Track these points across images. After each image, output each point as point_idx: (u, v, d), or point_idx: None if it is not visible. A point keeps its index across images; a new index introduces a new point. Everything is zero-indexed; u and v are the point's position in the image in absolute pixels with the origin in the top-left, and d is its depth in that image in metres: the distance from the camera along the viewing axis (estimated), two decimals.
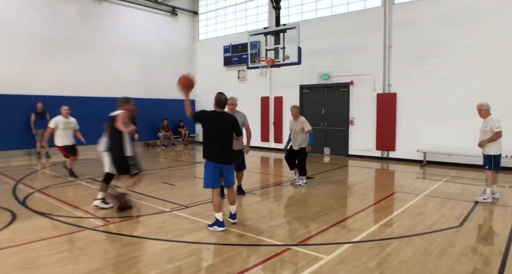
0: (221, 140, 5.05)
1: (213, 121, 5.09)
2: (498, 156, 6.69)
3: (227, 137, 5.12)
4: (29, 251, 4.27)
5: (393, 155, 12.13)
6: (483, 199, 6.66)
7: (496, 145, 6.67)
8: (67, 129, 8.86)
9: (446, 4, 10.85)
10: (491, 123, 6.65)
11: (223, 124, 5.09)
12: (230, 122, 5.17)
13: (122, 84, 15.36)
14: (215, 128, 5.06)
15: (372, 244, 4.60)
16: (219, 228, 5.02)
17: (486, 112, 6.84)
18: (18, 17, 12.51)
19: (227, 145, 5.10)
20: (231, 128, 5.15)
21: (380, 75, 12.13)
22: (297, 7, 14.35)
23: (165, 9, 17.02)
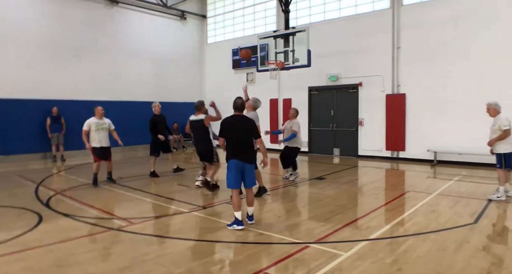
0: (241, 141, 5.33)
1: (232, 124, 5.39)
2: (509, 154, 6.76)
3: (247, 137, 5.40)
4: (60, 250, 4.47)
5: (403, 155, 12.23)
6: (497, 197, 6.76)
7: (506, 143, 6.75)
8: (100, 131, 8.40)
9: (454, 5, 10.96)
10: (499, 122, 6.75)
11: (241, 127, 5.38)
12: (247, 125, 5.45)
13: (133, 88, 15.65)
14: (235, 130, 5.35)
15: (389, 241, 4.75)
16: (238, 227, 5.19)
17: (495, 111, 6.94)
18: (32, 23, 12.82)
19: (247, 145, 5.37)
20: (249, 130, 5.42)
21: (389, 76, 12.26)
22: (305, 10, 14.53)
23: (174, 13, 17.28)
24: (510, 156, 6.78)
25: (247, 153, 5.36)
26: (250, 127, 5.45)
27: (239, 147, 5.32)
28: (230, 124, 5.41)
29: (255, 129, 5.54)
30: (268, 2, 15.90)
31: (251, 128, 5.46)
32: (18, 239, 4.87)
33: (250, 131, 5.45)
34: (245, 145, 5.36)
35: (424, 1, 11.61)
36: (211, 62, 18.39)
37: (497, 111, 6.92)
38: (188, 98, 17.86)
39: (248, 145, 5.39)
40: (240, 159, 5.28)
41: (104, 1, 14.72)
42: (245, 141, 5.37)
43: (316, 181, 8.97)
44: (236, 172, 5.26)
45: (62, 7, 13.56)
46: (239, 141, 5.33)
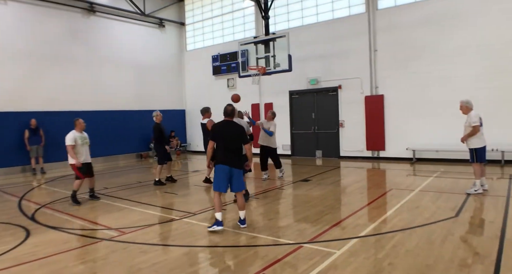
0: (231, 146, 5.48)
1: (222, 129, 5.56)
2: (479, 149, 7.12)
3: (237, 143, 5.56)
4: (53, 264, 4.42)
5: (384, 154, 12.58)
6: (474, 190, 7.08)
7: (477, 138, 7.10)
8: (84, 145, 7.87)
9: (427, 8, 11.42)
10: (469, 119, 7.12)
11: (232, 132, 5.55)
12: (236, 130, 5.60)
13: (113, 97, 15.51)
14: (225, 135, 5.50)
15: (378, 237, 4.92)
16: (218, 227, 5.34)
17: (467, 108, 7.28)
18: (8, 34, 12.56)
19: (237, 150, 5.52)
20: (239, 136, 5.57)
21: (367, 78, 12.62)
22: (284, 15, 14.80)
23: (152, 21, 17.25)
24: (481, 150, 7.14)
25: (236, 158, 5.49)
26: (240, 133, 5.60)
27: (229, 152, 5.45)
28: (221, 130, 5.55)
29: (245, 134, 5.70)
30: (246, 9, 16.09)
31: (241, 134, 5.61)
32: (8, 254, 4.79)
33: (241, 136, 5.59)
34: (235, 150, 5.49)
35: (398, 5, 12.05)
36: (191, 69, 18.40)
37: (469, 108, 7.26)
38: (169, 105, 17.83)
39: (237, 150, 5.53)
40: (229, 164, 5.40)
41: (81, 10, 14.57)
42: (235, 146, 5.51)
43: (301, 183, 9.13)
44: (224, 176, 5.40)
45: (38, 17, 13.34)
46: (230, 146, 5.46)
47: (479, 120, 7.04)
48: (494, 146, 10.35)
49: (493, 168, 9.97)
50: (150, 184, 9.78)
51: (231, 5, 16.65)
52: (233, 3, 16.56)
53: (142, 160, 16.16)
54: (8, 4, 12.61)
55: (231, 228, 5.60)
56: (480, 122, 7.06)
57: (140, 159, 16.33)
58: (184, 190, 9.07)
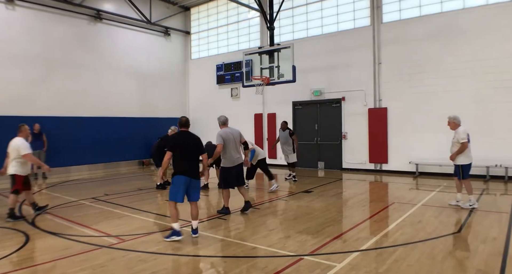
0: (190, 156, 5.60)
1: (180, 140, 5.66)
2: (466, 165, 7.15)
3: (195, 153, 5.69)
4: (53, 269, 4.40)
5: (386, 167, 12.52)
6: (469, 205, 7.09)
7: (463, 155, 7.12)
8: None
9: (432, 22, 11.49)
10: (457, 136, 7.13)
11: (190, 142, 5.68)
12: (193, 141, 5.75)
13: (116, 104, 15.57)
14: (183, 146, 5.60)
15: (379, 251, 4.87)
16: (177, 238, 5.41)
17: (454, 124, 7.29)
18: (15, 39, 12.68)
19: (195, 161, 5.67)
20: (195, 146, 5.70)
21: (370, 91, 12.64)
22: (289, 27, 14.91)
23: (158, 30, 17.41)
24: (467, 167, 7.16)
25: (195, 169, 5.62)
26: (198, 143, 5.77)
27: (188, 162, 5.55)
28: (180, 140, 5.63)
29: (202, 145, 5.88)
30: (251, 19, 16.24)
31: (199, 144, 5.78)
32: (6, 259, 4.77)
33: (198, 147, 5.74)
34: (193, 161, 5.61)
35: (403, 19, 12.12)
36: (195, 78, 18.50)
37: (456, 124, 7.27)
38: (171, 113, 17.88)
39: (196, 160, 5.67)
40: (188, 175, 5.50)
41: (88, 17, 14.73)
42: (193, 156, 5.63)
43: (303, 194, 9.09)
44: (182, 187, 5.48)
45: (46, 23, 13.49)
46: (188, 157, 5.56)
47: (467, 137, 7.04)
48: (498, 162, 10.32)
49: (496, 184, 9.91)
50: (150, 191, 9.77)
51: (236, 16, 16.81)
52: (238, 14, 16.72)
53: (143, 167, 16.15)
54: (17, 10, 12.77)
55: (231, 238, 5.56)
56: (467, 138, 7.06)
57: (141, 166, 16.32)
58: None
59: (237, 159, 6.98)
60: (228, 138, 6.85)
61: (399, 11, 12.25)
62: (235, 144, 6.96)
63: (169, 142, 5.69)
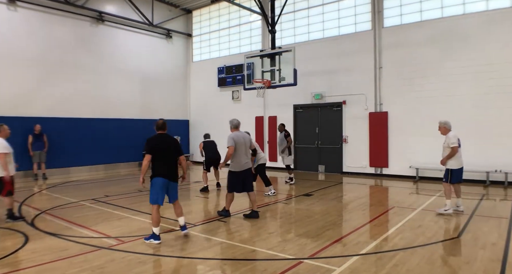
0: (168, 159, 5.62)
1: (158, 143, 5.65)
2: (455, 170, 7.17)
3: (172, 155, 5.67)
4: (51, 271, 4.40)
5: (386, 172, 12.52)
6: (444, 210, 7.09)
7: (454, 159, 7.14)
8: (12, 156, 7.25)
9: (433, 27, 11.53)
10: (448, 140, 7.17)
11: (168, 145, 5.67)
12: (171, 143, 5.74)
13: (118, 105, 15.60)
14: (161, 149, 5.60)
15: (379, 255, 4.86)
16: (156, 241, 5.42)
17: (445, 129, 7.32)
18: (16, 40, 12.72)
19: (173, 163, 5.68)
20: (173, 148, 5.69)
21: (371, 95, 12.66)
22: (290, 30, 14.96)
23: (160, 32, 17.46)
24: (457, 171, 7.18)
25: (173, 171, 5.66)
26: (176, 145, 5.76)
27: (167, 165, 5.57)
28: (158, 143, 5.63)
29: (180, 147, 5.88)
30: (253, 22, 16.28)
31: (177, 146, 5.77)
32: (6, 259, 4.77)
33: (176, 149, 5.73)
34: (171, 163, 5.64)
35: (404, 24, 12.16)
36: (196, 80, 18.54)
37: (447, 129, 7.30)
38: (173, 115, 17.92)
39: (174, 163, 5.69)
40: (167, 178, 5.55)
41: (90, 18, 14.78)
42: (171, 159, 5.64)
43: (303, 198, 9.09)
44: (162, 189, 5.53)
45: (48, 24, 13.53)
46: (167, 159, 5.58)
47: (457, 142, 7.07)
48: (498, 167, 10.32)
49: (496, 189, 9.91)
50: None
51: (238, 19, 16.86)
52: (240, 17, 16.77)
53: None
54: (19, 11, 12.82)
55: (230, 240, 5.56)
56: (458, 143, 7.09)
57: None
58: (185, 200, 9.02)
59: (246, 164, 6.87)
60: (239, 142, 6.76)
61: (400, 16, 12.29)
62: (245, 148, 6.87)
63: (146, 145, 5.58)
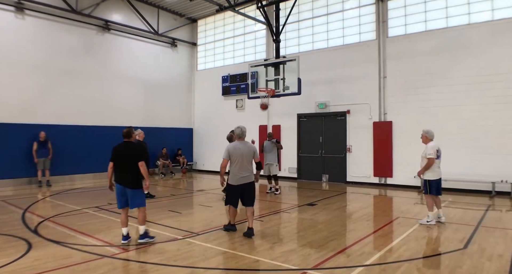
0: (124, 166, 5.86)
1: (117, 151, 5.95)
2: (433, 181, 7.12)
3: (130, 162, 5.86)
4: None
5: (391, 181, 12.43)
6: (427, 221, 7.06)
7: (430, 171, 7.10)
8: None
9: (437, 37, 11.55)
10: (426, 150, 7.14)
11: (128, 152, 5.90)
12: (131, 151, 5.94)
13: (122, 113, 15.67)
14: (119, 156, 5.90)
15: (384, 266, 4.80)
16: (123, 241, 5.83)
17: (425, 138, 7.31)
18: (23, 47, 12.86)
19: (129, 170, 5.85)
20: (130, 156, 5.87)
21: (376, 104, 12.65)
22: (295, 40, 15.04)
23: (165, 41, 17.62)
24: (435, 182, 7.14)
25: (128, 178, 5.83)
26: (135, 153, 5.90)
27: (122, 172, 5.85)
28: (118, 151, 5.93)
29: (139, 153, 5.96)
30: (258, 32, 16.39)
31: (136, 154, 5.90)
32: (8, 267, 4.75)
33: (135, 156, 5.87)
34: (128, 171, 5.83)
35: (408, 34, 12.20)
36: (200, 89, 18.63)
37: (428, 139, 7.28)
38: (177, 123, 17.99)
39: (131, 169, 5.84)
40: (122, 184, 5.83)
41: (96, 27, 14.95)
42: (129, 166, 5.83)
43: (307, 207, 9.03)
44: (118, 195, 5.89)
45: (55, 33, 13.69)
46: (123, 167, 5.84)
47: (435, 153, 7.05)
48: (504, 178, 10.22)
49: (502, 200, 9.81)
50: (154, 201, 9.75)
51: (243, 28, 16.99)
52: (245, 26, 16.90)
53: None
54: (26, 19, 12.99)
55: (233, 250, 5.52)
56: (437, 154, 7.07)
57: None
58: (188, 209, 9.03)
59: (242, 178, 6.29)
60: (234, 153, 6.28)
61: (404, 26, 12.33)
62: (243, 160, 6.28)
63: (111, 153, 5.97)
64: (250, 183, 6.42)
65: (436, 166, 7.11)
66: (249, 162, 6.41)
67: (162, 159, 16.47)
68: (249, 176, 6.39)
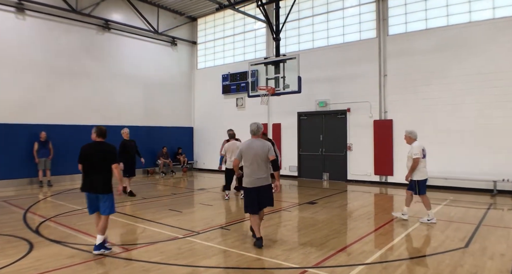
0: (91, 169, 5.34)
1: (85, 152, 5.42)
2: (421, 181, 7.11)
3: (97, 166, 5.34)
4: None
5: (392, 180, 12.43)
6: (427, 220, 7.06)
7: (418, 171, 7.08)
8: None
9: (438, 35, 11.52)
10: (411, 150, 7.11)
11: (94, 154, 5.37)
12: (101, 152, 5.40)
13: (122, 112, 15.68)
14: (88, 158, 5.38)
15: (384, 265, 4.80)
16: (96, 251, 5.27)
17: (409, 139, 7.28)
18: (23, 47, 12.86)
19: (97, 174, 5.33)
20: (101, 158, 5.35)
21: (376, 103, 12.63)
22: (295, 38, 15.01)
23: (165, 40, 17.60)
24: (423, 182, 7.13)
25: (97, 182, 5.31)
26: (106, 154, 5.38)
27: (90, 176, 5.32)
28: (86, 152, 5.40)
29: (112, 155, 5.46)
30: (258, 30, 16.37)
31: (108, 155, 5.39)
32: (10, 267, 4.76)
33: (107, 158, 5.36)
34: (96, 174, 5.32)
35: (409, 32, 12.17)
36: (201, 87, 18.62)
37: (412, 139, 7.25)
38: (177, 122, 17.99)
39: (102, 173, 5.34)
40: (88, 190, 5.32)
41: (96, 26, 14.93)
42: (98, 169, 5.32)
43: (308, 206, 9.04)
44: (87, 200, 5.41)
45: (54, 32, 13.69)
46: (92, 170, 5.32)
47: (421, 153, 7.02)
48: (505, 176, 10.21)
49: (504, 198, 9.80)
50: (154, 200, 9.76)
51: (243, 26, 16.97)
52: (245, 24, 16.87)
53: (148, 176, 16.17)
54: (26, 19, 12.98)
55: (234, 248, 5.52)
56: (423, 154, 7.04)
57: (146, 174, 16.34)
58: (189, 208, 9.03)
59: (258, 180, 5.63)
60: (247, 153, 5.69)
61: (405, 24, 12.31)
62: (257, 160, 5.63)
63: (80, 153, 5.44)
64: (267, 186, 5.73)
65: (423, 165, 7.10)
66: (264, 161, 5.69)
67: (163, 158, 16.48)
68: (266, 178, 5.71)
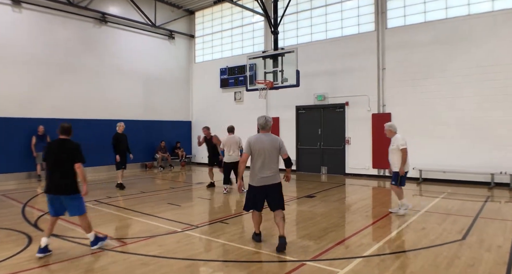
0: (53, 169, 5.01)
1: (48, 150, 5.10)
2: (405, 172, 7.15)
3: (59, 165, 5.00)
4: (54, 272, 4.40)
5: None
6: (404, 209, 7.16)
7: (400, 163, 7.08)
8: None
9: (437, 28, 11.48)
10: (396, 142, 7.11)
11: (55, 152, 5.04)
12: (63, 150, 5.04)
13: (120, 106, 15.62)
14: (50, 156, 5.05)
15: (382, 258, 4.83)
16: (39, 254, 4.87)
17: (390, 132, 7.28)
18: (20, 41, 12.77)
19: (58, 174, 4.99)
20: (63, 157, 5.01)
21: (374, 96, 12.62)
22: (293, 31, 14.94)
23: (162, 33, 17.49)
24: (405, 175, 7.17)
25: (58, 183, 4.96)
26: (70, 153, 5.02)
27: (51, 176, 5.00)
28: (48, 150, 5.07)
29: (75, 153, 5.09)
30: (256, 23, 16.28)
31: (71, 153, 5.02)
32: (8, 261, 4.77)
33: (70, 156, 5.00)
34: (58, 174, 4.97)
35: (408, 25, 12.12)
36: (199, 81, 18.55)
37: (392, 132, 7.26)
38: (175, 116, 17.94)
39: (64, 172, 5.00)
40: (49, 192, 4.99)
41: (93, 20, 14.82)
42: (59, 168, 4.98)
43: (306, 199, 9.06)
44: (48, 202, 5.10)
45: (51, 26, 13.58)
46: (53, 170, 4.99)
47: (406, 143, 7.02)
48: (503, 169, 10.24)
49: (501, 191, 9.84)
50: (153, 194, 9.77)
51: (241, 20, 16.87)
52: (243, 18, 16.77)
53: (146, 170, 16.16)
54: (23, 13, 12.87)
55: (233, 242, 5.54)
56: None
57: (144, 169, 16.34)
58: (188, 202, 9.04)
59: (264, 178, 5.19)
60: (256, 147, 5.21)
61: (403, 17, 12.25)
62: (265, 157, 5.19)
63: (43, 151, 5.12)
64: (275, 185, 5.27)
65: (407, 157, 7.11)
66: (273, 158, 5.25)
67: (161, 152, 16.46)
68: (273, 176, 5.24)
